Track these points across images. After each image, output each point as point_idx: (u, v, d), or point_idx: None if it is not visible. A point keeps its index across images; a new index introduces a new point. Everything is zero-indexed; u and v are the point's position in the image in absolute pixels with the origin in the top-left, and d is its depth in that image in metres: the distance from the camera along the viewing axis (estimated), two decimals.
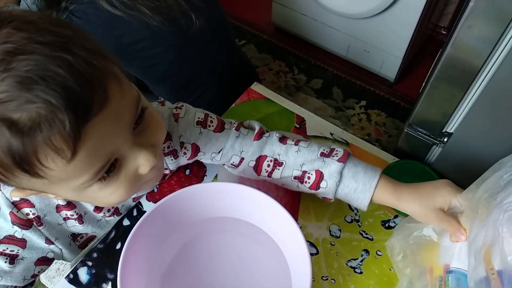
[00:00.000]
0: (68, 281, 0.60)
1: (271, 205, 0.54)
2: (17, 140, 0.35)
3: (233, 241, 0.61)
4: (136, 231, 0.51)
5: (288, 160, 0.62)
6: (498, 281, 0.41)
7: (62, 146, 0.37)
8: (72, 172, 0.40)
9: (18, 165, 0.37)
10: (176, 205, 0.56)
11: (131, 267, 0.51)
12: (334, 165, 0.59)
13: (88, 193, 0.45)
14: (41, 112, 0.35)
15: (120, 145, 0.43)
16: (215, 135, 0.63)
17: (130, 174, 0.46)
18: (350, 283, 0.61)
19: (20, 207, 0.55)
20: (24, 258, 0.57)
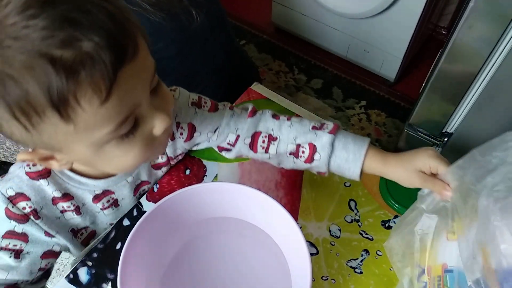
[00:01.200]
0: (68, 281, 0.60)
1: (271, 205, 0.54)
2: (59, 76, 0.36)
3: (233, 241, 0.61)
4: (136, 231, 0.51)
5: (281, 135, 0.64)
6: (495, 281, 0.41)
7: (101, 86, 0.39)
8: (100, 118, 0.41)
9: (53, 104, 0.38)
10: (176, 205, 0.56)
11: (131, 267, 0.51)
12: (325, 137, 0.60)
13: (104, 151, 0.46)
14: (84, 49, 0.37)
15: (141, 99, 0.45)
16: (210, 114, 0.65)
17: (145, 135, 0.48)
18: (350, 283, 0.61)
19: (15, 201, 0.55)
20: (29, 252, 0.57)
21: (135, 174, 0.65)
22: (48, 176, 0.56)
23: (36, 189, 0.56)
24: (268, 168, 0.72)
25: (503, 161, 0.42)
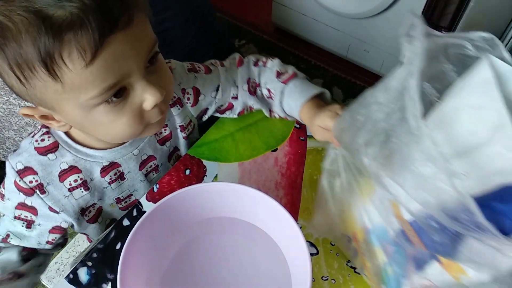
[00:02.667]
0: (68, 281, 0.60)
1: (271, 205, 0.54)
2: (48, 34, 0.40)
3: (233, 241, 0.61)
4: (136, 231, 0.51)
5: (259, 81, 0.73)
6: (412, 231, 0.42)
7: (86, 47, 0.41)
8: (85, 80, 0.44)
9: (41, 59, 0.41)
10: (176, 205, 0.56)
11: (131, 267, 0.51)
12: (279, 85, 0.70)
13: (94, 114, 0.49)
14: (74, 11, 0.40)
15: (133, 70, 0.47)
16: (208, 76, 0.70)
17: (134, 106, 0.50)
18: (350, 283, 0.61)
19: (23, 175, 0.57)
20: (40, 224, 0.60)
21: (140, 148, 0.66)
22: (56, 151, 0.58)
23: (43, 164, 0.58)
24: (268, 168, 0.72)
25: (368, 118, 0.44)
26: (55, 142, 0.59)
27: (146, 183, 0.71)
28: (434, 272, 0.43)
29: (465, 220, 0.33)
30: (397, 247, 0.46)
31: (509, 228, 0.34)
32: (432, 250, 0.40)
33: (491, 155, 0.38)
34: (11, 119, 1.25)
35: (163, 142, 0.70)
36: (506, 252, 0.33)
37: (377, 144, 0.41)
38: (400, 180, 0.39)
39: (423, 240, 0.41)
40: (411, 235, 0.42)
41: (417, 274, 0.45)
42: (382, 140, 0.41)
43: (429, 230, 0.37)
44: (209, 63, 0.72)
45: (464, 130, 0.40)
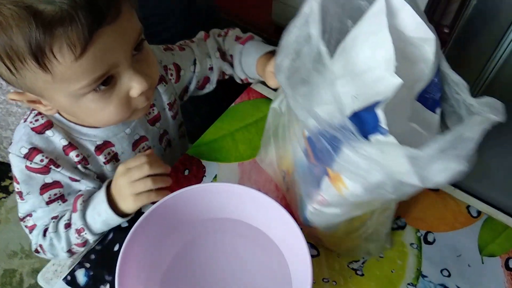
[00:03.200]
0: (65, 283, 0.59)
1: (271, 206, 0.53)
2: (39, 29, 0.41)
3: (233, 242, 0.61)
4: (134, 233, 0.51)
5: (225, 49, 0.77)
6: (308, 146, 0.47)
7: (75, 42, 0.43)
8: (75, 72, 0.45)
9: (32, 53, 0.42)
10: (175, 206, 0.55)
11: (129, 269, 0.50)
12: (238, 47, 0.75)
13: (82, 102, 0.50)
14: (64, 7, 0.41)
15: (120, 61, 0.49)
16: (182, 53, 0.73)
17: (122, 94, 0.51)
18: (352, 285, 0.60)
19: (31, 157, 0.57)
20: (70, 193, 0.62)
21: (132, 127, 0.66)
22: (52, 127, 0.59)
23: (45, 141, 0.58)
24: None
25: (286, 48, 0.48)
26: (49, 121, 0.59)
27: None
28: (324, 186, 0.48)
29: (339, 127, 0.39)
30: (305, 169, 0.52)
31: (368, 130, 0.40)
32: (319, 160, 0.45)
33: (376, 77, 0.42)
34: (8, 119, 1.24)
35: (153, 122, 0.70)
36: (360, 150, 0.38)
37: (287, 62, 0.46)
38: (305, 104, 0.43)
39: (314, 151, 0.46)
40: (308, 150, 0.48)
41: (315, 191, 0.50)
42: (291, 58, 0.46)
43: (316, 141, 0.42)
44: (180, 43, 0.76)
45: (358, 55, 0.44)
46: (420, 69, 0.45)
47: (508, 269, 0.61)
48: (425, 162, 0.36)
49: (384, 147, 0.38)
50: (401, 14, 0.44)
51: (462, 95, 0.44)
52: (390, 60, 0.41)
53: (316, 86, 0.43)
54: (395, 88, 0.39)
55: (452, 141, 0.36)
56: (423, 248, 0.63)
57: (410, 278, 0.61)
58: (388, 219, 0.58)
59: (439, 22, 1.73)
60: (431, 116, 0.46)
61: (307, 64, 0.44)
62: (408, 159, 0.36)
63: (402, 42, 0.44)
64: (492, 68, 0.75)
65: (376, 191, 0.41)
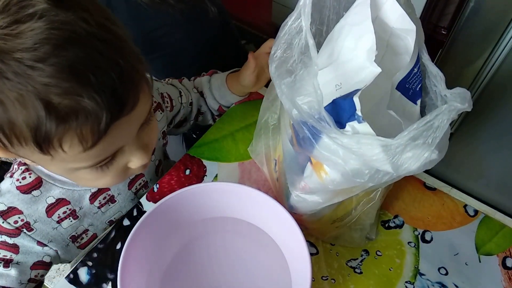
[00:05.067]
0: (68, 281, 0.60)
1: (271, 205, 0.54)
2: (50, 122, 0.37)
3: (233, 241, 0.61)
4: (136, 231, 0.51)
5: (199, 87, 0.81)
6: (293, 133, 0.48)
7: (88, 138, 0.39)
8: (79, 159, 0.42)
9: (36, 142, 0.38)
10: (176, 205, 0.56)
11: (131, 267, 0.51)
12: (205, 78, 0.79)
13: (77, 174, 0.47)
14: (83, 105, 0.37)
15: (126, 143, 0.46)
16: (169, 86, 0.75)
17: (120, 166, 0.48)
18: (350, 283, 0.61)
19: (7, 216, 0.55)
20: (19, 263, 0.57)
21: None
22: (40, 186, 0.56)
23: (27, 202, 0.56)
24: None
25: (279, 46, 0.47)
26: (38, 178, 0.56)
27: (136, 200, 0.69)
28: (307, 173, 0.49)
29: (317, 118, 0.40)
30: (291, 157, 0.53)
31: (345, 118, 0.41)
32: (302, 148, 0.45)
33: (358, 67, 0.42)
34: None
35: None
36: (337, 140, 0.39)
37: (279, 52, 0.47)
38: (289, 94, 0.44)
39: (297, 139, 0.46)
40: (293, 137, 0.49)
41: (299, 178, 0.51)
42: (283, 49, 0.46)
43: (299, 129, 0.43)
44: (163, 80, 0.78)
45: (342, 45, 0.45)
46: (404, 60, 0.46)
47: (505, 268, 0.62)
48: (397, 151, 0.38)
49: (359, 137, 0.39)
50: (385, 5, 0.45)
51: (439, 87, 0.45)
52: (371, 50, 0.41)
53: (300, 77, 0.44)
54: (374, 75, 0.41)
55: (421, 130, 0.38)
56: (420, 247, 0.64)
57: (408, 276, 0.61)
58: (372, 209, 0.58)
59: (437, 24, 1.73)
60: (412, 106, 0.47)
61: (295, 55, 0.44)
62: (381, 148, 0.38)
63: (386, 33, 0.45)
64: (490, 69, 0.76)
65: (354, 178, 0.42)
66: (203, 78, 0.80)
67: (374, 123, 0.39)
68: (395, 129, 0.41)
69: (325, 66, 0.45)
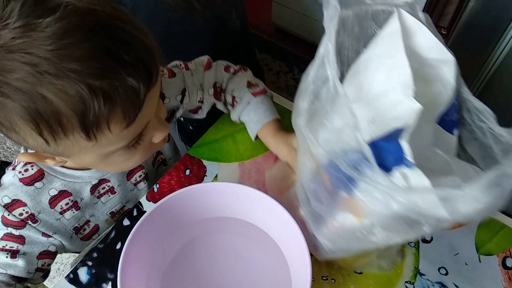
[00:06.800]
0: (68, 281, 0.60)
1: (271, 205, 0.54)
2: (97, 103, 0.38)
3: (233, 241, 0.61)
4: (136, 231, 0.51)
5: (226, 86, 0.72)
6: (323, 172, 0.45)
7: (130, 112, 0.42)
8: (120, 137, 0.45)
9: (84, 127, 0.40)
10: (176, 205, 0.56)
11: (131, 267, 0.51)
12: (247, 95, 0.70)
13: (110, 159, 0.49)
14: (123, 81, 0.39)
15: (152, 116, 0.48)
16: (172, 80, 0.68)
17: (146, 142, 0.51)
18: (350, 283, 0.61)
19: (12, 209, 0.55)
20: (25, 253, 0.57)
21: None
22: (43, 178, 0.57)
23: (31, 194, 0.56)
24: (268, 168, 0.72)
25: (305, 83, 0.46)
26: (40, 170, 0.57)
27: (137, 192, 0.70)
28: (341, 215, 0.46)
29: (358, 160, 0.36)
30: (316, 186, 0.49)
31: (390, 162, 0.38)
32: (336, 187, 0.43)
33: (393, 102, 0.40)
34: None
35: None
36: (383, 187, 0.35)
37: (306, 104, 0.45)
38: (317, 135, 0.42)
39: (330, 179, 0.44)
40: (323, 174, 0.45)
41: (330, 215, 0.48)
42: (310, 100, 0.45)
43: (333, 172, 0.40)
44: (173, 65, 0.71)
45: (373, 78, 0.43)
46: (437, 90, 0.44)
47: (505, 268, 0.62)
48: (460, 200, 0.33)
49: (411, 184, 0.35)
50: (416, 35, 0.43)
51: (488, 123, 0.43)
52: (408, 84, 0.39)
53: (334, 128, 0.41)
54: (415, 113, 0.38)
55: (495, 179, 0.33)
56: (420, 247, 0.64)
57: (408, 276, 0.61)
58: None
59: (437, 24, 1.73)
60: (449, 137, 0.45)
61: (325, 106, 0.42)
62: (441, 199, 0.33)
63: (416, 62, 0.43)
64: (489, 69, 0.76)
65: (395, 224, 0.39)
66: (245, 94, 0.70)
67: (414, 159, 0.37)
68: (436, 163, 0.39)
69: (354, 101, 0.41)
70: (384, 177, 0.35)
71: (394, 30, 0.42)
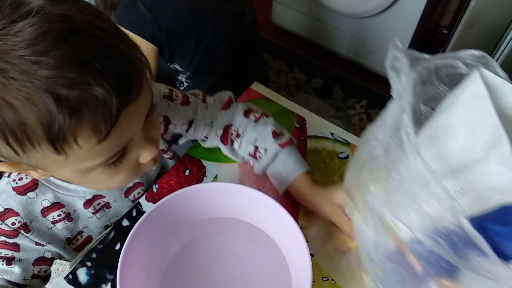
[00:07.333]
0: (67, 282, 0.60)
1: (271, 206, 0.53)
2: (62, 115, 0.36)
3: (233, 242, 0.61)
4: (135, 232, 0.51)
5: (246, 134, 0.67)
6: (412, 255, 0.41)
7: (101, 127, 0.38)
8: (93, 153, 0.41)
9: (49, 139, 0.37)
10: (176, 206, 0.55)
11: (131, 267, 0.51)
12: (274, 147, 0.64)
13: (90, 176, 0.46)
14: (93, 93, 0.36)
15: (135, 134, 0.45)
16: (183, 108, 0.66)
17: (131, 162, 0.48)
18: None
19: (4, 218, 0.55)
20: (21, 260, 0.57)
21: None
22: (36, 188, 0.56)
23: (23, 203, 0.56)
24: None
25: (369, 155, 0.43)
26: (34, 180, 0.55)
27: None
28: None
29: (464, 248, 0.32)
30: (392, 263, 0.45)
31: (507, 247, 0.32)
32: (433, 273, 0.39)
33: (488, 172, 0.36)
34: None
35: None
36: (504, 279, 0.31)
37: (379, 181, 0.40)
38: (403, 218, 0.38)
39: (425, 266, 0.39)
40: (410, 257, 0.41)
41: None
42: (383, 176, 0.40)
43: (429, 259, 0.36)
44: (193, 92, 0.69)
45: (458, 146, 0.39)
46: None
47: None
48: None
49: None
50: (503, 95, 0.39)
51: None
52: (506, 154, 0.35)
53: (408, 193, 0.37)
54: None
55: None
56: None
57: None
58: None
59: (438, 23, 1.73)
60: None
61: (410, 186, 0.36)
62: None
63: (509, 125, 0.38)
64: None
65: None
66: (271, 144, 0.64)
67: None
68: None
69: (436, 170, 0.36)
70: (506, 269, 0.30)
71: (478, 92, 0.38)
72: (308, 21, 1.83)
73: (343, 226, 0.58)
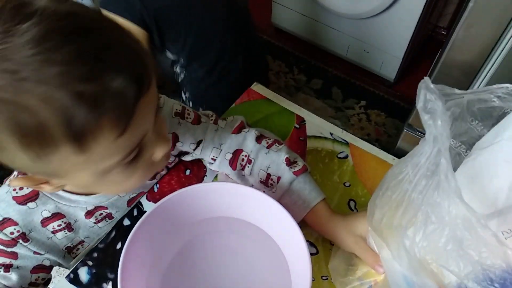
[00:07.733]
0: (68, 281, 0.60)
1: (271, 205, 0.54)
2: (82, 111, 0.35)
3: (233, 241, 0.61)
4: (136, 231, 0.51)
5: (258, 161, 0.64)
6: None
7: (120, 121, 0.38)
8: (112, 150, 0.41)
9: (69, 137, 0.36)
10: (177, 205, 0.56)
11: (132, 266, 0.51)
12: (288, 175, 0.62)
13: (107, 178, 0.46)
14: (108, 86, 0.36)
15: (148, 130, 0.45)
16: (193, 126, 0.65)
17: (147, 160, 0.48)
18: None
19: (3, 227, 0.54)
20: (19, 267, 0.57)
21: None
22: (37, 199, 0.55)
23: (23, 213, 0.55)
24: None
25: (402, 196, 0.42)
26: (35, 190, 0.55)
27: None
28: None
29: None
30: None
31: None
32: None
33: None
34: None
35: (153, 177, 0.68)
36: None
37: (418, 226, 0.39)
38: (451, 267, 0.36)
39: None
40: None
41: None
42: (421, 220, 0.39)
43: None
44: (204, 113, 0.67)
45: (504, 185, 0.38)
46: None
47: None
48: None
49: None
50: None
51: None
52: None
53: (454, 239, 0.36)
54: None
55: None
56: None
57: None
58: None
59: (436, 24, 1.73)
60: None
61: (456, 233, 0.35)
62: None
63: None
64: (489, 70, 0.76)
65: None
66: (285, 173, 0.62)
67: None
68: None
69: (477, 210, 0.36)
70: None
71: None
72: (307, 22, 1.84)
73: (367, 259, 0.57)
